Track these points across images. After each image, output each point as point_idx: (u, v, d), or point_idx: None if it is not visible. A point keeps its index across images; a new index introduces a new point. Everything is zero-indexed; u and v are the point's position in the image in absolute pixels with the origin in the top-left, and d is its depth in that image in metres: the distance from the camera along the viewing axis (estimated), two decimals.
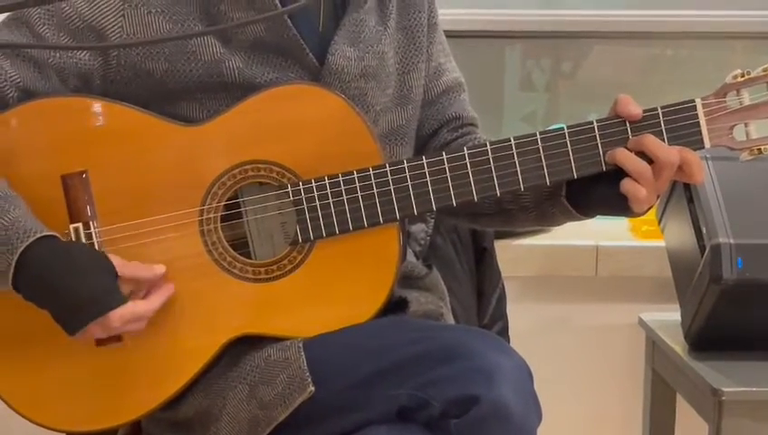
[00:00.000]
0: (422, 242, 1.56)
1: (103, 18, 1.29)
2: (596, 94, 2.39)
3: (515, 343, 1.44)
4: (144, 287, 1.27)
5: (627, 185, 1.27)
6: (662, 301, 2.08)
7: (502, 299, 1.72)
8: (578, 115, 2.42)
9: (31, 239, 1.22)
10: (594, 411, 2.20)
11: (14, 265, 1.21)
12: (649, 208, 1.30)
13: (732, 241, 1.75)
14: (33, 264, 1.22)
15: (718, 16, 2.32)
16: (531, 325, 2.14)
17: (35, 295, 1.24)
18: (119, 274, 1.24)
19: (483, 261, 1.71)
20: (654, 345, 2.05)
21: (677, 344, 1.92)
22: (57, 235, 1.25)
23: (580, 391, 2.18)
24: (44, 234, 1.23)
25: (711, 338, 1.85)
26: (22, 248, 1.21)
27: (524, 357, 1.26)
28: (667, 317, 2.02)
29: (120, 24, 1.29)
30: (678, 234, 1.93)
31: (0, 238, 1.22)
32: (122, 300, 1.23)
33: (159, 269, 1.27)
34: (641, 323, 2.09)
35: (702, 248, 1.80)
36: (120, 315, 1.23)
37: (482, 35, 2.30)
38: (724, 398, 1.73)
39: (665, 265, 2.01)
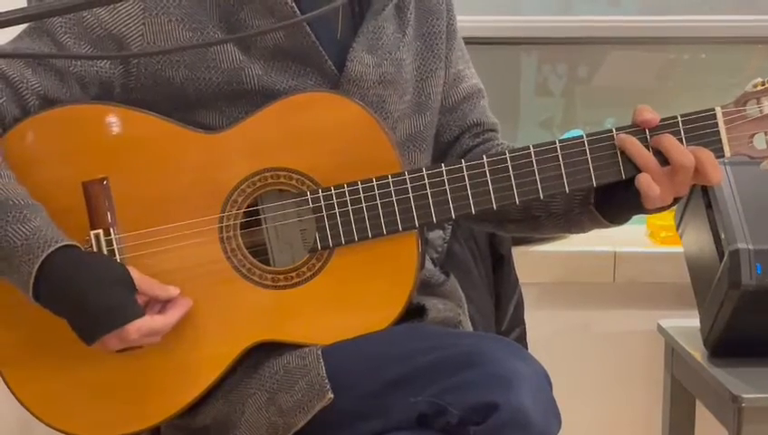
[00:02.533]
0: (439, 249, 1.56)
1: (124, 26, 1.30)
2: (612, 99, 2.39)
3: (533, 349, 1.43)
4: (160, 302, 1.27)
5: (641, 179, 1.26)
6: (681, 307, 2.07)
7: (519, 306, 1.72)
8: (594, 120, 2.42)
9: (51, 249, 1.22)
10: (613, 418, 2.19)
11: (34, 274, 1.22)
12: (663, 208, 1.30)
13: (751, 247, 1.74)
14: (53, 273, 1.22)
15: (735, 21, 2.31)
16: (549, 332, 2.14)
17: (54, 305, 1.24)
18: (137, 287, 1.25)
19: (500, 268, 1.70)
20: (673, 352, 2.04)
21: (697, 351, 1.91)
22: (78, 244, 1.25)
23: (599, 398, 2.18)
24: (65, 243, 1.23)
25: (730, 344, 1.84)
26: (43, 258, 1.22)
27: (543, 364, 1.26)
28: (686, 323, 2.01)
29: (140, 33, 1.30)
30: (697, 239, 1.92)
31: (22, 248, 1.22)
32: (140, 313, 1.24)
33: (174, 291, 1.27)
34: (660, 329, 2.08)
35: (721, 254, 1.79)
36: (137, 328, 1.23)
37: (498, 42, 2.30)
38: (743, 404, 1.72)
39: (683, 271, 2.00)
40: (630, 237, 2.17)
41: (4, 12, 0.94)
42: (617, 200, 1.31)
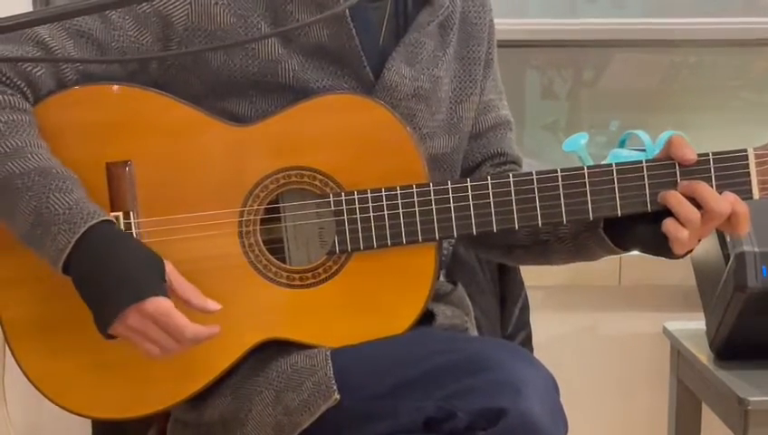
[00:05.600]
0: (445, 252, 1.55)
1: (171, 5, 1.29)
2: (618, 102, 2.38)
3: (539, 352, 1.44)
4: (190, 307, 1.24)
5: (669, 226, 1.25)
6: (687, 310, 2.08)
7: (525, 309, 1.72)
8: (600, 123, 2.41)
9: (94, 221, 1.22)
10: (619, 421, 2.19)
11: (73, 243, 1.21)
12: (689, 252, 1.29)
13: (756, 249, 1.75)
14: (90, 246, 1.21)
15: (740, 23, 2.31)
16: (554, 335, 2.14)
17: (81, 278, 1.22)
18: (167, 279, 1.23)
19: (506, 271, 1.71)
20: (679, 354, 2.04)
21: (703, 353, 1.91)
22: (115, 221, 1.25)
23: (604, 401, 2.18)
24: (105, 218, 1.23)
25: (736, 347, 1.84)
26: (84, 229, 1.21)
27: (548, 367, 1.26)
28: (692, 326, 2.02)
29: (186, 12, 1.29)
30: (702, 242, 1.91)
31: (63, 216, 1.22)
32: (164, 292, 1.22)
33: (213, 305, 1.24)
34: (666, 332, 2.08)
35: (726, 257, 1.79)
36: (156, 306, 1.20)
37: (503, 45, 2.29)
38: (750, 407, 1.72)
39: (689, 273, 2.00)
40: None
41: (26, 12, 0.94)
42: (636, 232, 1.29)
